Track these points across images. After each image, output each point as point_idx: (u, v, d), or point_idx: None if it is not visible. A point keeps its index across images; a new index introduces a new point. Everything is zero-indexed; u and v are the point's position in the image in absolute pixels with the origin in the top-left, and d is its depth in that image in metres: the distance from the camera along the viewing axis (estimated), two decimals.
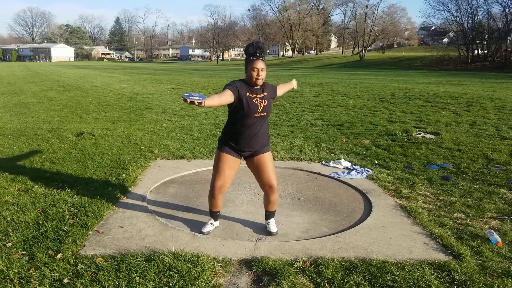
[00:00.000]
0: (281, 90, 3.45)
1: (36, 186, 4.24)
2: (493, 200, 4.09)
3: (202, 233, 3.24)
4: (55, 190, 4.12)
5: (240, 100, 2.88)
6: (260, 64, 2.89)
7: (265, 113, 3.02)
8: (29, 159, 5.28)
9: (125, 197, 4.00)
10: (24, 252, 2.85)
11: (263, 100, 2.99)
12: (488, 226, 3.45)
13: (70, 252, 2.84)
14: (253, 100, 2.93)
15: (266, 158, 3.12)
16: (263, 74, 2.91)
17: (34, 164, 5.05)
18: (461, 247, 2.98)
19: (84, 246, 2.96)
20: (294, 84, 3.70)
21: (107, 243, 3.01)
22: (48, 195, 3.96)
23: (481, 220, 3.59)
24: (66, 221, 3.35)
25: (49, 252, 2.83)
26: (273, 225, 3.31)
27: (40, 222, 3.34)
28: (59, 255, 2.79)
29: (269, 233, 3.26)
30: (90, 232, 3.19)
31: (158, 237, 3.12)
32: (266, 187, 3.15)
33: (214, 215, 3.32)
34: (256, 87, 2.98)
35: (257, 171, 3.13)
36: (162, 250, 2.87)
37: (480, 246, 3.04)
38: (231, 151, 3.07)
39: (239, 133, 3.02)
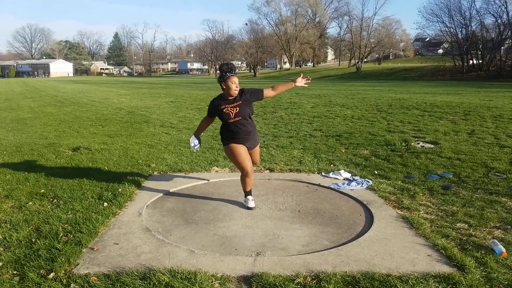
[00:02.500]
0: (277, 90, 4.04)
1: (30, 203, 4.15)
2: (495, 209, 4.02)
3: (249, 208, 4.03)
4: (49, 206, 4.04)
5: (218, 113, 3.88)
6: (236, 79, 3.79)
7: (239, 118, 3.82)
8: (23, 175, 5.20)
9: (121, 213, 3.92)
10: (15, 272, 2.76)
11: (235, 108, 3.80)
12: (492, 236, 3.37)
13: (63, 271, 2.74)
14: (224, 110, 3.81)
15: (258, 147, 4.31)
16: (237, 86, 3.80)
17: (28, 180, 4.97)
18: (465, 258, 2.90)
19: (78, 264, 2.87)
20: (298, 82, 4.06)
21: (102, 261, 2.92)
22: (42, 212, 3.87)
23: (484, 230, 3.51)
24: (59, 238, 3.26)
25: (41, 272, 2.74)
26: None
27: (33, 240, 3.24)
28: (51, 275, 2.70)
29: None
30: (84, 249, 3.10)
31: (154, 254, 3.03)
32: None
33: (250, 193, 4.11)
34: (231, 98, 3.83)
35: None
36: (158, 268, 2.78)
37: (484, 257, 2.96)
38: (235, 141, 3.92)
39: (234, 133, 3.89)
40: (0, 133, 9.06)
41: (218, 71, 4.16)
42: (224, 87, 3.77)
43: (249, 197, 4.12)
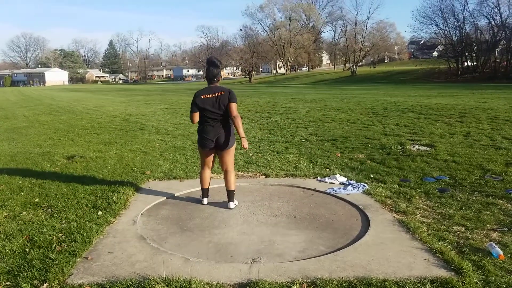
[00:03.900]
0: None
1: (24, 213, 4.11)
2: (492, 211, 4.01)
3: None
4: (43, 216, 4.00)
5: None
6: None
7: None
8: (18, 185, 5.15)
9: (115, 221, 3.88)
10: (8, 283, 2.72)
11: None
12: (489, 239, 3.36)
13: (57, 282, 2.71)
14: None
15: None
16: None
17: (23, 190, 4.92)
18: (463, 262, 2.89)
19: (72, 274, 2.83)
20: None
21: (96, 271, 2.88)
22: (36, 222, 3.83)
23: (481, 233, 3.50)
24: (53, 248, 3.22)
25: (34, 282, 2.71)
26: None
27: (27, 250, 3.21)
28: (45, 285, 2.66)
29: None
30: (78, 259, 3.06)
31: (149, 263, 3.00)
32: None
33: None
34: None
35: None
36: (153, 276, 2.75)
37: (481, 260, 2.95)
38: None
39: None
40: None
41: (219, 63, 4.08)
42: (220, 79, 4.09)
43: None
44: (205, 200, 4.41)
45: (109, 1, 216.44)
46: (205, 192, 4.40)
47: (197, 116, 4.02)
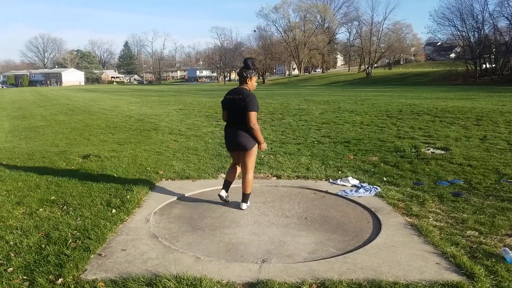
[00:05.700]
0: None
1: (41, 210, 4.22)
2: (507, 216, 3.95)
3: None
4: (59, 213, 4.09)
5: None
6: None
7: None
8: (35, 182, 5.28)
9: (128, 219, 3.95)
10: (25, 277, 2.81)
11: None
12: (503, 244, 3.31)
13: (71, 277, 2.78)
14: None
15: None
16: None
17: (39, 187, 5.04)
18: (475, 266, 2.86)
19: (86, 270, 2.90)
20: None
21: (109, 267, 2.94)
22: (52, 219, 3.93)
23: (495, 238, 3.45)
24: (68, 244, 3.30)
25: (50, 277, 2.78)
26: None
27: (43, 246, 3.29)
28: (60, 280, 2.73)
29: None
30: (92, 255, 3.14)
31: (160, 260, 3.05)
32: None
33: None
34: None
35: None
36: (164, 274, 2.79)
37: (495, 265, 2.91)
38: None
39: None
40: (13, 141, 9.23)
41: (242, 64, 4.13)
42: (249, 82, 4.07)
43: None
44: (223, 192, 4.38)
45: (124, 1, 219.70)
46: (225, 184, 4.42)
47: (225, 114, 4.21)
